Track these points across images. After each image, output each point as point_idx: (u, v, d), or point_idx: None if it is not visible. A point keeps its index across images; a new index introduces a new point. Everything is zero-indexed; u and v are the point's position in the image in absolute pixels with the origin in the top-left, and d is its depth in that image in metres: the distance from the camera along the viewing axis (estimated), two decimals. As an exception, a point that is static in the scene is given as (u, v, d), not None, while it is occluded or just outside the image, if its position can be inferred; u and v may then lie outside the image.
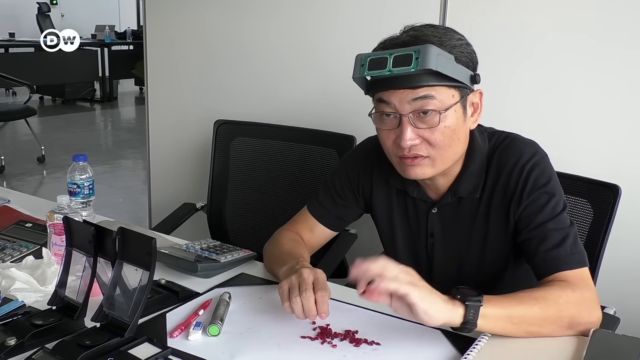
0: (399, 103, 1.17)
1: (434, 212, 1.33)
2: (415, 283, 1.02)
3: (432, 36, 1.17)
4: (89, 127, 7.88)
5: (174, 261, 1.38)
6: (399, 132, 1.19)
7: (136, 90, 10.07)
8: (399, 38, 1.20)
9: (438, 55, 1.12)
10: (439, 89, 1.16)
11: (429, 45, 1.12)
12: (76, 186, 1.57)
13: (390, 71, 1.14)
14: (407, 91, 1.16)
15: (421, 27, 1.21)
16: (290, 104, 2.29)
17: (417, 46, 1.13)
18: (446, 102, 1.17)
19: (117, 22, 11.25)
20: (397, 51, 1.14)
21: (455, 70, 1.16)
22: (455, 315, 1.03)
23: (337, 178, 1.44)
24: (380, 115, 1.22)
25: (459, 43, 1.19)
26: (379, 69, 1.16)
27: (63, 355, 0.99)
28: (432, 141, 1.19)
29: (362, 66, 1.18)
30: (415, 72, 1.13)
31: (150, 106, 2.67)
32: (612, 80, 1.77)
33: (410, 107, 1.17)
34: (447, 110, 1.17)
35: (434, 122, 1.17)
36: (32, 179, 5.28)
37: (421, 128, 1.18)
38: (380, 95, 1.20)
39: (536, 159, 1.24)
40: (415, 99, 1.16)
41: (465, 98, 1.21)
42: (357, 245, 1.90)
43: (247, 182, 2.15)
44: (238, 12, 2.35)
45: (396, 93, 1.17)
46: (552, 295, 1.10)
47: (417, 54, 1.12)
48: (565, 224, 1.20)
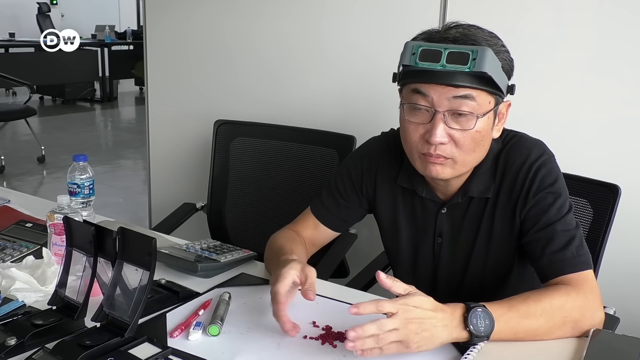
0: (437, 98, 1.14)
1: (443, 212, 1.32)
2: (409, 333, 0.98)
3: (482, 38, 1.15)
4: (89, 127, 7.88)
5: (174, 261, 1.38)
6: (429, 127, 1.17)
7: (136, 90, 10.07)
8: (447, 33, 1.17)
9: (493, 59, 1.11)
10: (480, 92, 1.14)
11: (487, 48, 1.11)
12: (76, 186, 1.57)
13: (444, 66, 1.11)
14: (449, 87, 1.13)
15: (468, 27, 1.18)
16: (290, 103, 2.29)
17: (474, 46, 1.11)
18: (484, 106, 1.16)
19: (117, 22, 11.24)
20: (453, 47, 1.12)
21: (499, 78, 1.15)
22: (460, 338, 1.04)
23: (340, 179, 1.43)
24: (412, 106, 1.19)
25: (503, 49, 1.18)
26: (431, 61, 1.12)
27: (63, 355, 0.99)
28: (460, 143, 1.17)
29: (414, 54, 1.13)
30: (468, 72, 1.11)
31: (150, 106, 2.67)
32: (612, 80, 1.77)
33: (447, 105, 1.14)
34: (484, 115, 1.16)
35: (469, 125, 1.16)
36: (32, 179, 5.27)
37: (453, 128, 1.16)
38: (418, 86, 1.16)
39: (543, 159, 1.24)
40: (455, 97, 1.14)
41: (497, 106, 1.20)
42: (357, 245, 1.90)
43: (247, 182, 2.15)
44: (238, 12, 2.35)
45: (437, 87, 1.14)
46: (558, 302, 1.10)
47: (475, 55, 1.10)
48: (572, 226, 1.20)
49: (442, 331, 1.01)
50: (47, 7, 10.59)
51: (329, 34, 2.17)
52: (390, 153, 1.38)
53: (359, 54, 2.12)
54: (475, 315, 1.03)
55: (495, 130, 1.23)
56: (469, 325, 1.02)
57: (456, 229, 1.33)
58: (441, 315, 1.01)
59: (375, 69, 2.07)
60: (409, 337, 0.98)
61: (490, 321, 1.03)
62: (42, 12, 10.43)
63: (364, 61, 2.12)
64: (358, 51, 2.13)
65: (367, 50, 2.11)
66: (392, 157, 1.37)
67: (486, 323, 1.03)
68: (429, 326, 1.00)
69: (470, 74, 1.11)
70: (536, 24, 1.83)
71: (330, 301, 1.26)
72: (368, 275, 1.69)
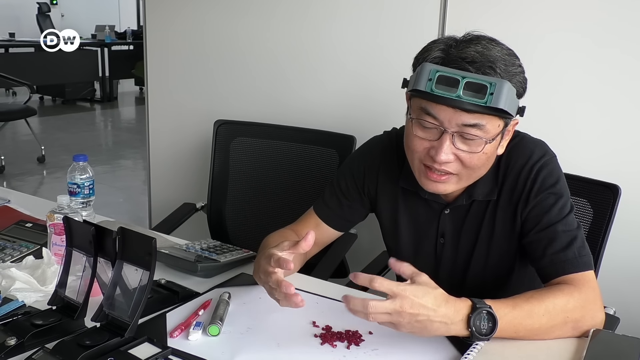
0: (447, 121, 1.12)
1: (446, 213, 1.32)
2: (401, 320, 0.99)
3: (501, 59, 1.12)
4: (89, 127, 7.87)
5: (174, 261, 1.38)
6: (436, 144, 1.15)
7: (136, 90, 10.06)
8: (465, 51, 1.12)
9: (509, 91, 1.09)
10: (490, 118, 1.12)
11: (505, 82, 1.08)
12: (76, 186, 1.57)
13: (459, 96, 1.08)
14: (460, 112, 1.10)
15: (487, 43, 1.14)
16: (290, 103, 2.29)
17: (493, 78, 1.09)
18: (492, 131, 1.14)
19: (117, 22, 11.24)
20: (470, 77, 1.08)
21: (512, 105, 1.12)
22: (459, 334, 1.04)
23: (343, 178, 1.43)
24: (419, 121, 1.17)
25: (518, 71, 1.15)
26: (447, 90, 1.08)
27: (63, 355, 0.99)
28: (467, 163, 1.17)
29: (430, 80, 1.09)
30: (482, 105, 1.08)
31: (150, 106, 2.67)
32: (612, 81, 1.77)
33: (456, 127, 1.13)
34: (492, 140, 1.15)
35: (477, 149, 1.14)
36: (32, 179, 5.27)
37: (460, 149, 1.15)
38: (427, 106, 1.14)
39: (545, 159, 1.24)
40: (465, 124, 1.12)
41: (506, 127, 1.18)
42: (357, 245, 1.90)
43: (247, 182, 2.15)
44: (238, 13, 2.35)
45: (448, 111, 1.11)
46: (560, 302, 1.09)
47: (492, 89, 1.07)
48: (573, 226, 1.20)
49: (439, 327, 1.01)
50: (47, 7, 10.58)
51: (329, 34, 2.17)
52: (392, 152, 1.38)
53: (359, 54, 2.12)
54: (480, 317, 1.02)
55: (500, 147, 1.22)
56: (472, 327, 1.02)
57: (458, 229, 1.33)
58: (443, 312, 1.00)
59: (376, 69, 2.08)
60: (400, 323, 1.00)
61: (493, 323, 1.03)
62: (42, 12, 10.43)
63: (364, 61, 2.11)
64: (358, 51, 2.13)
65: (367, 50, 2.11)
66: (394, 157, 1.37)
67: (489, 325, 1.03)
68: (423, 319, 0.99)
69: (484, 106, 1.09)
70: (537, 24, 1.83)
71: (330, 301, 1.26)
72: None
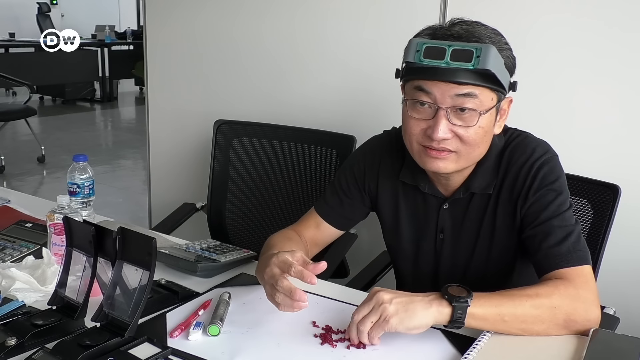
0: (440, 95, 1.15)
1: (445, 208, 1.33)
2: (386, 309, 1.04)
3: (486, 35, 1.16)
4: (89, 127, 7.88)
5: (174, 261, 1.38)
6: (432, 123, 1.18)
7: (136, 90, 10.07)
8: (451, 30, 1.17)
9: (496, 57, 1.12)
10: (483, 89, 1.15)
11: (491, 46, 1.11)
12: (76, 186, 1.57)
13: (447, 63, 1.12)
14: (452, 85, 1.14)
15: (472, 23, 1.19)
16: (290, 103, 2.29)
17: (479, 44, 1.12)
18: (486, 103, 1.17)
19: (117, 22, 11.24)
20: (456, 44, 1.12)
21: (502, 75, 1.15)
22: (442, 315, 1.05)
23: (343, 177, 1.44)
24: (414, 102, 1.20)
25: (506, 47, 1.19)
26: (435, 59, 1.12)
27: (63, 355, 0.99)
28: (465, 138, 1.18)
29: (418, 52, 1.14)
30: (471, 69, 1.11)
31: (150, 106, 2.67)
32: (612, 80, 1.76)
33: (450, 102, 1.15)
34: (487, 112, 1.17)
35: (472, 122, 1.17)
36: (32, 179, 5.27)
37: (456, 125, 1.17)
38: (421, 83, 1.17)
39: (546, 157, 1.25)
40: (458, 94, 1.15)
41: (500, 103, 1.21)
42: (357, 245, 1.90)
43: (247, 182, 2.15)
44: (238, 12, 2.35)
45: (440, 85, 1.15)
46: (544, 292, 1.11)
47: (479, 52, 1.10)
48: (570, 222, 1.21)
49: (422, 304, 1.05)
50: (47, 7, 10.58)
51: (329, 34, 2.17)
52: (392, 150, 1.38)
53: (359, 53, 2.12)
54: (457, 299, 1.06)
55: (497, 126, 1.24)
56: (446, 295, 1.06)
57: (458, 225, 1.33)
58: (419, 298, 1.06)
59: (376, 69, 2.07)
60: (387, 311, 1.04)
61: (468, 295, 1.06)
62: (42, 12, 10.42)
63: (365, 61, 2.11)
64: (358, 51, 2.13)
65: (367, 49, 2.11)
66: (395, 154, 1.38)
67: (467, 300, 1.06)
68: (404, 299, 1.05)
69: (473, 72, 1.12)
70: (536, 23, 1.83)
71: (330, 301, 1.26)
72: (368, 275, 1.70)
